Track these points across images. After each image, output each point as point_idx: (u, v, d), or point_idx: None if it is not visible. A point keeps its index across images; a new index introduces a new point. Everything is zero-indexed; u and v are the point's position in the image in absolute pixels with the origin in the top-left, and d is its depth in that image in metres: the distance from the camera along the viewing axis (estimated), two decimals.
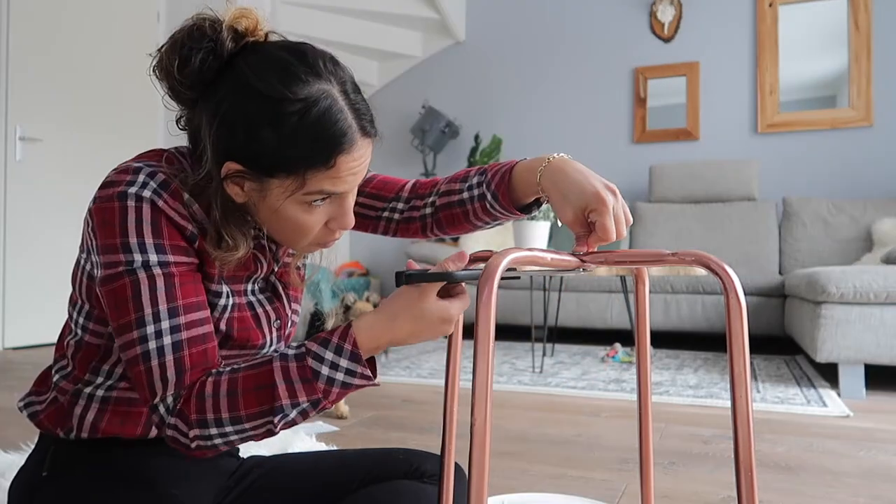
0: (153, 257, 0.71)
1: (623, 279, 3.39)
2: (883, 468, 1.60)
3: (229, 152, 0.72)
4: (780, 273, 4.03)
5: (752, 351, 3.78)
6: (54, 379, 0.83)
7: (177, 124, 0.80)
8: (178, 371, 0.70)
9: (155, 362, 0.70)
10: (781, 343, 3.90)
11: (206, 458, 0.88)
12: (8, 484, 1.27)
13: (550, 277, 3.47)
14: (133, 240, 0.71)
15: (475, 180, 0.90)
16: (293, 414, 0.70)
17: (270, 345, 0.86)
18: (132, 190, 0.71)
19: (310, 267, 0.96)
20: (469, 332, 4.50)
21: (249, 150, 0.71)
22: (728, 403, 2.30)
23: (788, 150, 4.40)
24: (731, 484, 1.46)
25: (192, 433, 0.70)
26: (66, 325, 0.84)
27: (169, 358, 0.70)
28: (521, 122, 5.08)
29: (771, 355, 3.56)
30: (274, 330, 0.87)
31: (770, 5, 4.41)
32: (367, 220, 0.98)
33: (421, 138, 4.98)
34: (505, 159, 5.42)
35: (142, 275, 0.70)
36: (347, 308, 2.09)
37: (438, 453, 0.95)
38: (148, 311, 0.70)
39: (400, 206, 0.96)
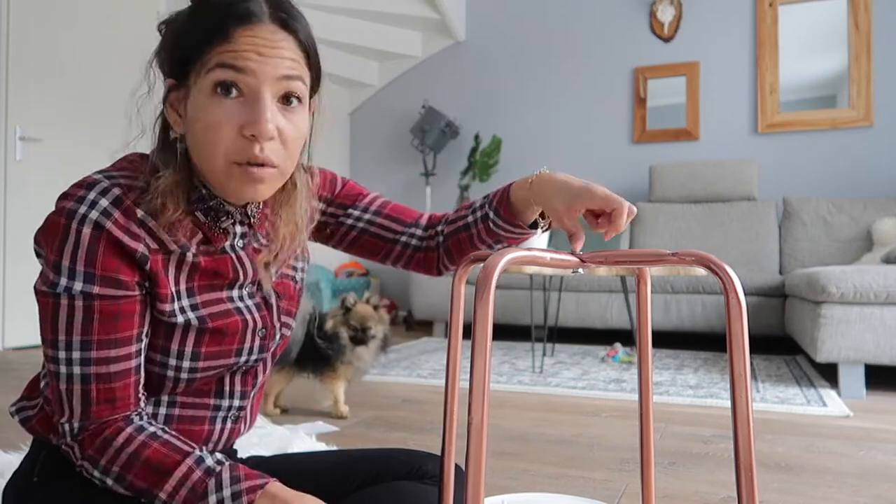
0: (78, 285, 0.71)
1: (623, 279, 3.39)
2: (883, 468, 1.60)
3: (164, 70, 0.76)
4: (780, 273, 4.02)
5: (752, 351, 3.77)
6: (41, 386, 0.84)
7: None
8: (84, 403, 0.73)
9: (63, 386, 0.73)
10: (781, 343, 3.90)
11: None
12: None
13: (550, 277, 3.47)
14: (65, 262, 0.71)
15: (479, 203, 0.93)
16: None
17: (250, 353, 0.85)
18: (80, 210, 0.70)
19: (310, 270, 0.96)
20: (468, 331, 4.50)
21: (171, 57, 0.74)
22: (728, 403, 2.30)
23: (788, 150, 4.40)
24: (731, 484, 1.46)
25: (80, 462, 0.74)
26: None
27: (76, 387, 0.72)
28: (521, 122, 5.08)
29: (771, 355, 3.56)
30: (258, 339, 0.85)
31: (770, 5, 4.41)
32: (382, 243, 0.97)
33: (421, 138, 4.98)
34: (505, 159, 5.42)
35: (63, 301, 0.71)
36: (347, 310, 2.06)
37: (439, 454, 0.95)
38: (61, 336, 0.72)
39: (419, 233, 0.97)
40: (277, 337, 0.89)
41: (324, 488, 0.92)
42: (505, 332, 4.44)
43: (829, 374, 2.88)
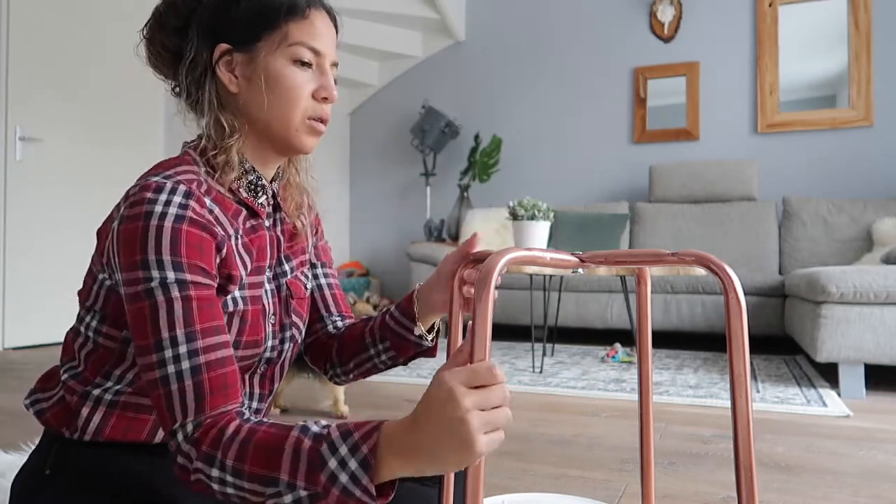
0: (171, 275, 0.71)
1: (623, 279, 3.39)
2: (883, 468, 1.60)
3: (218, 35, 0.82)
4: (780, 273, 4.02)
5: (752, 351, 3.77)
6: (63, 378, 0.83)
7: (172, 91, 0.89)
8: (198, 396, 0.69)
9: (174, 387, 0.69)
10: (781, 343, 3.89)
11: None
12: (8, 484, 1.27)
13: (550, 277, 3.47)
14: (152, 256, 0.71)
15: (391, 307, 0.98)
16: (288, 498, 0.64)
17: (267, 340, 0.86)
18: (157, 209, 0.72)
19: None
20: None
21: (235, 25, 0.82)
22: (728, 403, 2.30)
23: (788, 150, 4.40)
24: (731, 484, 1.46)
25: (196, 464, 0.67)
26: (74, 332, 0.84)
27: (188, 382, 0.69)
28: (521, 122, 5.08)
29: (771, 355, 3.56)
30: (269, 325, 0.87)
31: (770, 5, 4.41)
32: (317, 313, 1.01)
33: (421, 138, 4.98)
34: (505, 159, 5.44)
35: (160, 297, 0.71)
36: None
37: None
38: (165, 335, 0.70)
39: (339, 323, 1.03)
40: (287, 333, 0.90)
41: None
42: (505, 332, 4.44)
43: (829, 374, 2.88)
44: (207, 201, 0.77)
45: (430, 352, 0.95)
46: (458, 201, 4.96)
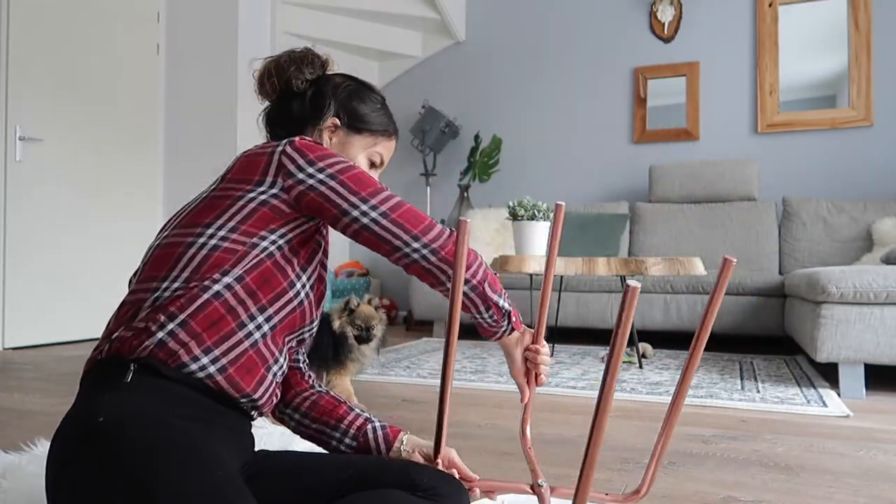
0: None
1: (623, 279, 3.39)
2: (883, 468, 1.60)
3: (337, 111, 1.14)
4: (780, 273, 4.03)
5: (752, 351, 3.78)
6: (164, 294, 0.89)
7: (265, 110, 1.18)
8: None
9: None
10: (781, 343, 3.90)
11: (235, 428, 0.93)
12: (8, 484, 1.27)
13: None
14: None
15: (375, 421, 1.15)
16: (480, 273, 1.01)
17: (315, 318, 1.05)
18: None
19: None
20: (469, 332, 4.50)
21: (353, 114, 1.15)
22: (728, 403, 2.30)
23: (788, 150, 4.40)
24: (732, 484, 1.46)
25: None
26: (183, 244, 0.92)
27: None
28: (521, 122, 5.09)
29: (771, 355, 3.56)
30: (315, 309, 1.06)
31: (770, 5, 4.42)
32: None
33: (421, 138, 4.98)
34: (505, 159, 5.45)
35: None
36: (351, 311, 2.17)
37: (433, 467, 1.01)
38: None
39: (302, 363, 1.17)
40: (315, 325, 1.07)
41: (323, 487, 0.94)
42: None
43: (829, 374, 2.88)
44: None
45: None
46: (458, 201, 4.96)
